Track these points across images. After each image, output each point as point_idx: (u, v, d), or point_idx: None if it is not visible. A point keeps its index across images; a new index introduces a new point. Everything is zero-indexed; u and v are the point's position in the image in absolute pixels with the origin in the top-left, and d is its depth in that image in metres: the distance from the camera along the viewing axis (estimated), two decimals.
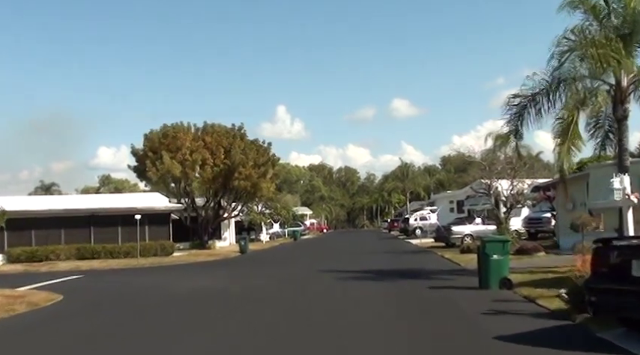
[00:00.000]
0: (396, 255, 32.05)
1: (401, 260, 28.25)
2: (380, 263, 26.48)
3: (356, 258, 31.15)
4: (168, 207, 39.72)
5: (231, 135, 48.08)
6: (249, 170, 46.51)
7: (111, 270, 30.36)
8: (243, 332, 11.39)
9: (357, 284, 18.29)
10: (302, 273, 23.43)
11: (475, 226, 36.54)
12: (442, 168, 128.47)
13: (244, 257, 37.85)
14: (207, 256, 38.06)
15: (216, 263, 33.29)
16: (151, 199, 40.87)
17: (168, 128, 46.53)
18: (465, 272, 20.54)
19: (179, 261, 34.36)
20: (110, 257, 36.74)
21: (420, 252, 33.38)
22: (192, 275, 25.45)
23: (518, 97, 19.15)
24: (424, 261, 27.28)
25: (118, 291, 20.07)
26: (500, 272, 15.61)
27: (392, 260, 28.34)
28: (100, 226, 38.15)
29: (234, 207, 50.96)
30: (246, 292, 17.97)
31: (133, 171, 48.11)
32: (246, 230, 60.51)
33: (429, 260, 27.81)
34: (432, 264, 24.79)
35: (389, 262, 26.86)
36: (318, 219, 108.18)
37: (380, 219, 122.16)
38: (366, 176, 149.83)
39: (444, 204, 55.80)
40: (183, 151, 45.08)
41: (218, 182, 47.51)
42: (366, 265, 25.39)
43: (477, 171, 35.17)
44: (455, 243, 35.44)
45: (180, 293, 18.44)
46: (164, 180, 47.03)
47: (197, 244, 47.79)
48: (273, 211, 63.20)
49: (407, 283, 18.26)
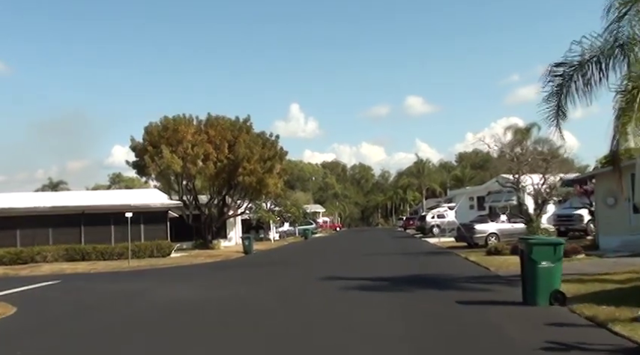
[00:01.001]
0: (413, 256, 28.49)
1: (420, 263, 24.67)
2: (396, 267, 22.95)
3: (368, 260, 27.64)
4: (165, 205, 36.34)
5: (236, 128, 44.71)
6: (254, 165, 43.14)
7: (97, 274, 27.09)
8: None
9: (368, 299, 14.62)
10: (303, 280, 19.82)
11: (500, 224, 32.86)
12: (458, 164, 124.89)
13: (247, 258, 34.46)
14: (207, 257, 34.71)
15: (213, 265, 29.90)
16: (147, 196, 37.55)
17: (169, 120, 43.23)
18: (499, 280, 16.99)
19: (175, 263, 31.02)
20: (102, 258, 33.54)
21: (440, 253, 29.76)
22: (181, 281, 22.04)
23: (563, 66, 15.54)
24: (446, 264, 23.71)
25: (84, 304, 16.65)
26: (550, 284, 12.05)
27: (409, 263, 24.78)
28: (92, 225, 34.90)
29: (239, 204, 47.60)
30: (225, 307, 14.40)
31: (132, 167, 44.80)
32: (254, 228, 57.35)
33: (451, 263, 24.22)
34: (456, 269, 21.18)
35: (406, 266, 23.29)
36: (331, 217, 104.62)
37: (395, 217, 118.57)
38: (381, 173, 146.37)
39: (462, 200, 52.00)
40: (185, 145, 41.82)
41: (222, 178, 44.18)
42: (379, 270, 21.87)
43: (505, 163, 31.38)
44: (478, 242, 31.89)
45: (150, 307, 15.02)
46: (165, 176, 43.88)
47: (200, 244, 44.63)
48: (283, 209, 59.69)
49: (430, 296, 14.66)
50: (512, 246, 25.85)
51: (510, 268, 19.93)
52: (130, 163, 44.68)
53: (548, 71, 15.71)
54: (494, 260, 22.63)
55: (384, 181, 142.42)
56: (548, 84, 15.74)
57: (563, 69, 15.57)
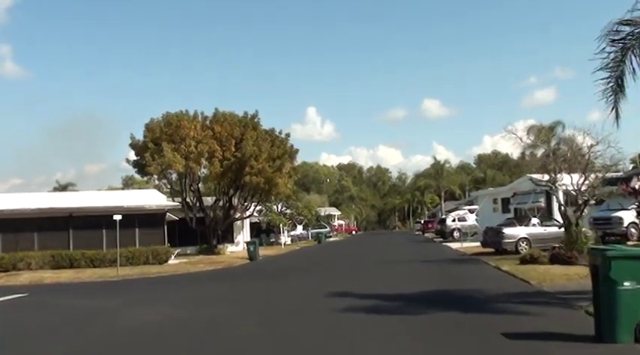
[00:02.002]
0: (435, 264, 24.94)
1: (444, 273, 21.11)
2: (416, 278, 19.44)
3: (385, 269, 24.11)
4: (162, 206, 32.98)
5: (243, 124, 41.38)
6: (263, 163, 39.78)
7: (77, 285, 23.83)
8: None
9: (380, 328, 10.98)
10: (304, 297, 16.18)
11: (532, 228, 29.16)
12: (477, 166, 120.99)
13: (251, 266, 31.08)
14: (208, 264, 31.39)
15: (211, 274, 26.57)
16: (143, 197, 34.24)
17: (172, 116, 39.99)
18: (548, 299, 13.43)
19: (170, 272, 27.69)
20: (91, 265, 30.34)
21: (465, 261, 26.13)
22: (162, 296, 18.63)
23: (629, 25, 12.03)
24: (475, 275, 20.13)
25: (23, 329, 13.27)
26: (637, 313, 8.55)
27: (432, 273, 21.24)
28: (81, 229, 31.66)
29: (246, 206, 44.25)
30: (192, 337, 10.97)
31: (133, 166, 41.58)
32: (264, 232, 54.15)
33: (481, 274, 20.61)
34: (488, 282, 17.60)
35: (428, 277, 19.77)
36: (347, 220, 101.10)
37: (412, 220, 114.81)
38: (398, 175, 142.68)
39: (485, 202, 48.32)
40: (188, 142, 38.57)
41: (228, 177, 40.90)
42: (397, 282, 18.36)
43: (536, 161, 27.59)
44: (507, 248, 28.27)
45: (100, 338, 11.59)
46: (167, 175, 40.71)
47: (205, 249, 41.43)
48: (294, 211, 56.26)
49: (463, 322, 11.10)
50: (551, 253, 22.34)
51: (556, 281, 16.42)
52: (130, 162, 41.52)
53: (608, 31, 12.18)
54: (533, 270, 19.07)
55: (401, 183, 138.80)
56: (608, 48, 12.26)
57: (630, 29, 12.09)
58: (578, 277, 17.04)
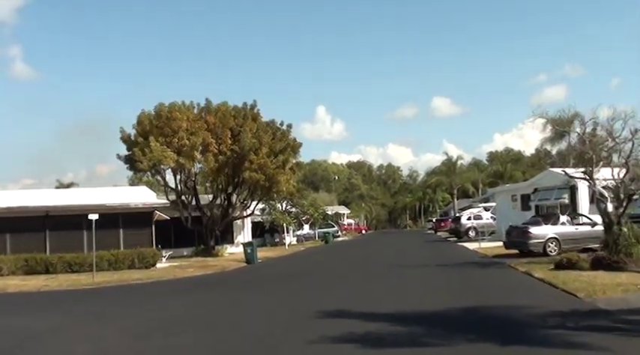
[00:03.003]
0: (454, 269, 21.45)
1: (467, 281, 17.59)
2: (434, 289, 15.96)
3: (396, 275, 20.63)
4: (149, 204, 29.55)
5: (241, 115, 37.95)
6: (263, 158, 36.38)
7: (40, 295, 20.47)
8: None
9: None
10: (287, 319, 12.46)
11: (561, 227, 25.62)
12: (490, 163, 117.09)
13: (245, 270, 27.68)
14: (199, 268, 28.01)
15: (198, 281, 23.19)
16: (130, 195, 30.87)
17: (163, 107, 36.61)
18: (612, 321, 10.06)
19: (153, 278, 24.29)
20: (69, 270, 27.03)
21: (488, 266, 22.51)
22: (122, 314, 15.17)
23: None
24: (506, 284, 16.63)
25: None
26: None
27: (452, 281, 17.74)
28: (59, 230, 28.34)
29: (246, 204, 40.84)
30: None
31: (124, 161, 38.19)
32: (268, 232, 50.78)
33: (512, 282, 17.08)
34: (525, 294, 14.10)
35: (448, 287, 16.28)
36: (357, 219, 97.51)
37: (424, 219, 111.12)
38: (409, 173, 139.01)
39: (503, 199, 44.71)
40: (180, 135, 35.23)
41: (224, 173, 37.52)
42: (410, 296, 14.87)
43: (572, 150, 23.92)
44: (533, 249, 24.81)
45: None
46: (159, 171, 37.42)
47: (202, 250, 38.13)
48: (299, 210, 52.74)
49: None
50: (592, 257, 18.81)
51: (611, 294, 12.94)
52: (121, 157, 38.19)
53: None
54: (575, 279, 15.56)
55: (412, 181, 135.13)
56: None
57: None
58: (636, 288, 13.57)
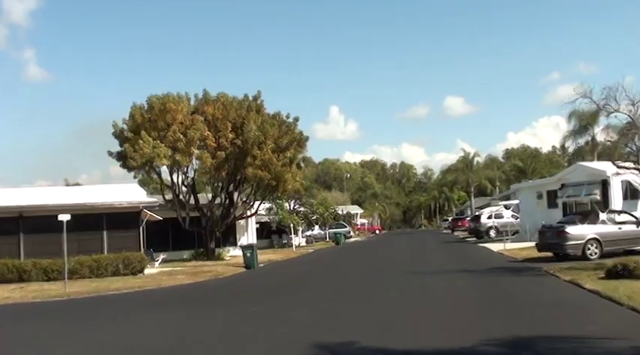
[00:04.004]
0: (484, 277, 17.92)
1: (502, 296, 13.95)
2: (464, 310, 12.42)
3: (413, 287, 17.10)
4: (135, 204, 26.17)
5: (244, 106, 34.53)
6: (268, 154, 32.99)
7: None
8: None
9: None
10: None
11: (602, 226, 22.08)
12: (506, 160, 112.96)
13: (242, 278, 24.31)
14: (191, 275, 24.70)
15: (183, 293, 19.83)
16: (118, 193, 27.55)
17: (155, 99, 33.28)
18: None
19: (135, 287, 20.90)
20: (46, 278, 23.86)
21: (522, 272, 18.89)
22: (48, 346, 11.94)
23: None
24: (554, 300, 13.04)
25: None
26: None
27: (485, 297, 14.16)
28: (35, 233, 25.07)
29: (250, 203, 37.45)
30: None
31: (117, 159, 34.90)
32: (275, 233, 47.44)
33: (560, 298, 13.47)
34: (584, 318, 10.55)
35: (482, 306, 12.75)
36: (370, 219, 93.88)
37: (439, 218, 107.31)
38: (423, 171, 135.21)
39: (527, 196, 41.05)
40: (174, 128, 31.98)
41: (225, 170, 34.21)
42: (433, 319, 11.34)
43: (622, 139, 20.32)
44: (570, 252, 21.32)
45: None
46: (154, 168, 34.19)
47: (201, 253, 34.94)
48: (308, 209, 49.25)
49: None
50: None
51: None
52: (113, 154, 34.92)
53: None
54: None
55: (426, 180, 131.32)
56: None
57: None
58: None
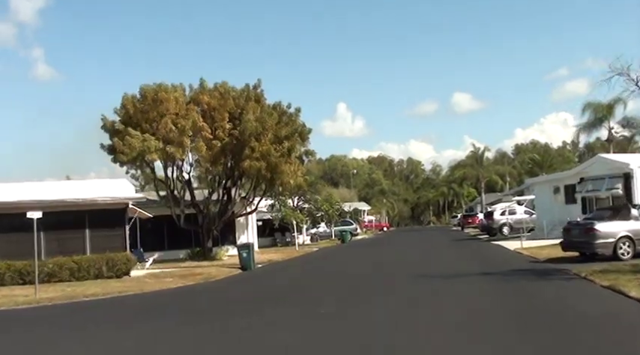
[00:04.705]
0: (507, 283, 15.45)
1: (538, 312, 11.46)
2: (492, 326, 9.99)
3: (424, 294, 14.67)
4: (120, 200, 23.77)
5: (243, 96, 32.13)
6: (266, 145, 30.65)
7: None
8: None
9: None
10: None
11: (635, 223, 19.62)
12: (515, 157, 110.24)
13: (235, 281, 21.96)
14: (181, 277, 22.42)
15: (162, 300, 17.48)
16: (103, 188, 25.19)
17: (148, 89, 30.95)
18: None
19: (114, 293, 18.60)
20: (20, 281, 21.64)
21: (550, 276, 16.38)
22: None
23: None
24: (596, 313, 10.59)
25: None
26: None
27: (513, 312, 11.67)
28: (10, 231, 22.64)
29: (250, 199, 35.07)
30: None
31: (108, 152, 32.55)
32: (278, 230, 45.10)
33: (604, 309, 10.98)
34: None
35: (512, 325, 10.32)
36: (378, 216, 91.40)
37: (448, 215, 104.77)
38: (432, 167, 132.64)
39: (543, 190, 38.61)
40: (166, 119, 29.67)
41: (221, 163, 31.90)
42: (450, 339, 8.97)
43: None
44: (599, 251, 18.94)
45: None
46: (147, 162, 31.89)
47: (197, 253, 32.66)
48: (313, 206, 46.82)
49: None
50: None
51: None
52: (104, 147, 32.57)
53: None
54: None
55: (435, 176, 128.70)
56: None
57: None
58: None
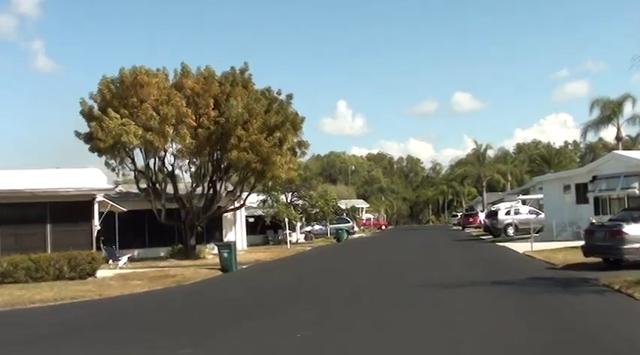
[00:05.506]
0: (525, 294, 12.81)
1: (578, 341, 8.75)
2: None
3: (427, 312, 12.05)
4: (85, 191, 21.02)
5: (229, 80, 29.45)
6: (255, 134, 27.99)
7: None
8: None
9: None
10: None
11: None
12: (516, 156, 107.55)
13: (210, 286, 19.23)
14: (151, 280, 19.71)
15: (128, 307, 14.87)
16: (69, 178, 22.48)
17: (126, 73, 28.20)
18: None
19: (65, 299, 15.85)
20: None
21: (573, 286, 13.66)
22: None
23: None
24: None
25: None
26: None
27: (545, 342, 9.00)
28: None
29: (235, 193, 32.32)
30: None
31: (85, 140, 29.84)
32: (270, 227, 42.42)
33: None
34: None
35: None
36: (376, 214, 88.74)
37: (448, 214, 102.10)
38: (432, 166, 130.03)
39: (552, 189, 36.02)
40: (146, 105, 27.03)
41: (206, 153, 29.26)
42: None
43: None
44: (630, 258, 16.40)
45: None
46: (127, 152, 29.29)
47: (179, 251, 30.02)
48: (307, 202, 44.12)
49: None
50: None
51: None
52: (80, 135, 29.88)
53: None
54: None
55: (435, 174, 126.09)
56: None
57: None
58: None
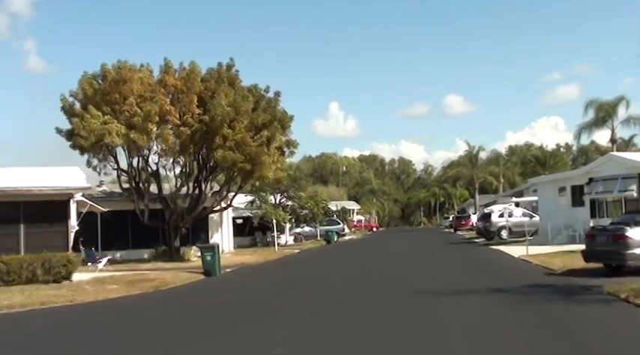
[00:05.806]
0: (525, 303, 11.85)
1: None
2: None
3: (423, 329, 11.11)
4: (60, 190, 19.88)
5: (214, 77, 28.44)
6: (241, 133, 26.98)
7: None
8: None
9: None
10: None
11: None
12: (508, 158, 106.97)
13: (193, 290, 18.22)
14: (128, 284, 18.63)
15: (95, 316, 13.85)
16: (46, 176, 21.37)
17: (108, 69, 27.18)
18: None
19: (35, 305, 14.77)
20: None
21: (575, 295, 12.69)
22: None
23: None
24: None
25: None
26: None
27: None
28: None
29: (221, 193, 31.24)
30: None
31: (67, 138, 28.72)
32: (258, 229, 41.35)
33: None
34: None
35: None
36: (368, 216, 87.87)
37: (439, 216, 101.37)
38: (424, 167, 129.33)
39: (547, 191, 35.21)
40: (130, 101, 26.01)
41: (190, 152, 28.22)
42: None
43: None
44: (633, 264, 15.57)
45: None
46: (110, 150, 28.23)
47: (162, 252, 29.00)
48: (297, 203, 43.11)
49: None
50: None
51: None
52: (62, 132, 28.77)
53: None
54: None
55: (426, 176, 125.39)
56: None
57: None
58: None
